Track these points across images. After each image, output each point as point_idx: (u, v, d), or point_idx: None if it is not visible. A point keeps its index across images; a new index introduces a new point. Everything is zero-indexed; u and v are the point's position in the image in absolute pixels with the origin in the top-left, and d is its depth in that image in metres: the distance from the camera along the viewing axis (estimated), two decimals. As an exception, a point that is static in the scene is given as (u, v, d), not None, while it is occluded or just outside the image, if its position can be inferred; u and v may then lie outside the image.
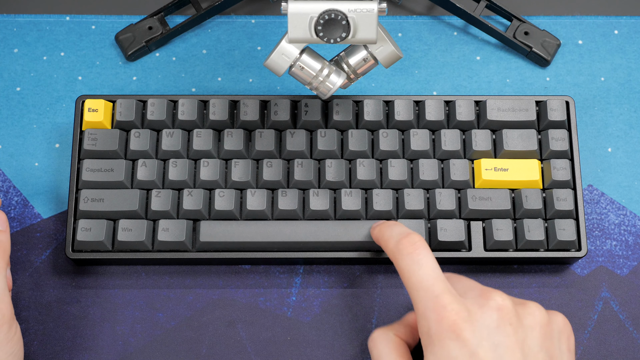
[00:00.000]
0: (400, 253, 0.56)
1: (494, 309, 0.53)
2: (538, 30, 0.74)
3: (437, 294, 0.53)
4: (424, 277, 0.54)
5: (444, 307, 0.53)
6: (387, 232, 0.59)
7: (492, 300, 0.54)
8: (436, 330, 0.52)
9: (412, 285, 0.55)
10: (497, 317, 0.53)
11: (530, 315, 0.54)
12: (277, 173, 0.66)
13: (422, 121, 0.68)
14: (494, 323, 0.53)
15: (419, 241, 0.56)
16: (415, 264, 0.55)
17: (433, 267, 0.55)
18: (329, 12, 0.56)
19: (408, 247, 0.56)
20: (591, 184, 0.71)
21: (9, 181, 0.70)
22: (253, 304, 0.67)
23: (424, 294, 0.54)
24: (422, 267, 0.55)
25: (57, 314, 0.66)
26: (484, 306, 0.53)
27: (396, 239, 0.57)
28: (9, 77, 0.73)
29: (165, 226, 0.65)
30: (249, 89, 0.73)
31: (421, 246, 0.56)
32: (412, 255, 0.56)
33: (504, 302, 0.54)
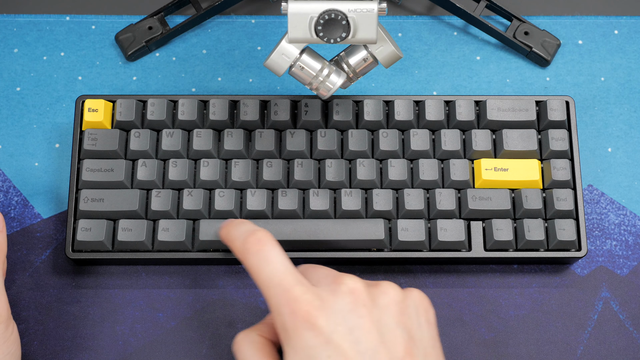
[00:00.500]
0: (248, 252, 0.55)
1: (346, 293, 0.52)
2: (538, 30, 0.74)
3: (288, 287, 0.52)
4: (273, 272, 0.53)
5: (295, 299, 0.52)
6: (233, 231, 0.57)
7: (343, 285, 0.53)
8: (291, 323, 0.51)
9: (262, 283, 0.53)
10: (350, 300, 0.52)
11: (383, 294, 0.54)
12: (277, 173, 0.66)
13: (422, 121, 0.68)
14: (347, 307, 0.52)
15: (264, 237, 0.55)
16: (263, 260, 0.54)
17: (281, 261, 0.54)
18: (329, 12, 0.56)
19: (255, 244, 0.55)
20: (591, 184, 0.71)
21: (9, 181, 0.70)
22: (253, 304, 0.67)
23: (275, 289, 0.53)
24: (270, 263, 0.54)
25: (57, 314, 0.66)
26: (336, 292, 0.53)
27: (242, 238, 0.56)
28: (9, 77, 0.73)
29: (165, 226, 0.65)
30: (249, 89, 0.73)
31: (267, 242, 0.55)
32: (260, 252, 0.54)
33: (355, 285, 0.53)
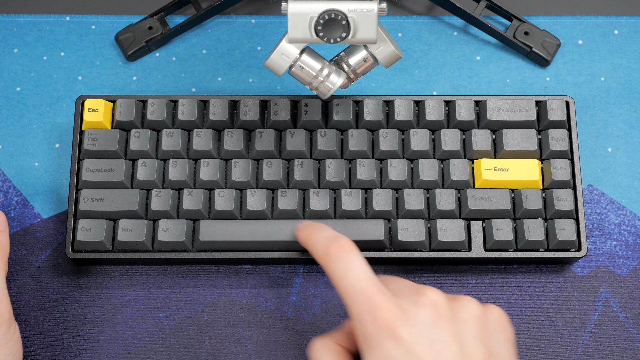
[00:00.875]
0: (330, 258, 0.55)
1: (428, 305, 0.53)
2: (538, 30, 0.74)
3: (370, 295, 0.53)
4: (355, 280, 0.53)
5: (378, 308, 0.52)
6: (314, 236, 0.58)
7: (425, 297, 0.53)
8: (372, 332, 0.52)
9: (344, 290, 0.54)
10: (431, 312, 0.52)
11: (464, 308, 0.54)
12: (277, 173, 0.66)
13: (422, 121, 0.68)
14: (429, 319, 0.52)
15: (348, 244, 0.55)
16: (346, 267, 0.54)
17: (364, 269, 0.54)
18: (329, 12, 0.56)
19: (337, 251, 0.55)
20: (591, 184, 0.71)
21: (9, 181, 0.70)
22: (253, 304, 0.67)
23: (357, 296, 0.53)
24: (353, 271, 0.54)
25: (57, 314, 0.66)
26: (418, 303, 0.53)
27: (324, 244, 0.56)
28: (9, 77, 0.73)
29: (165, 226, 0.65)
30: (249, 89, 0.73)
31: (350, 249, 0.55)
32: (342, 259, 0.55)
33: (437, 298, 0.53)
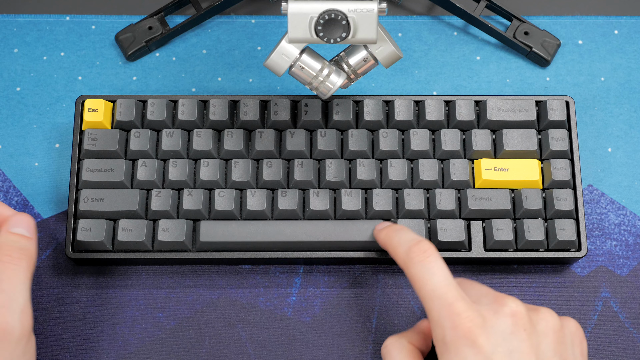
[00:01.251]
0: (412, 261, 0.56)
1: (508, 315, 0.53)
2: (538, 30, 0.74)
3: (451, 301, 0.53)
4: (437, 285, 0.54)
5: (458, 315, 0.53)
6: (396, 238, 0.59)
7: (506, 307, 0.54)
8: (451, 338, 0.53)
9: (426, 294, 0.55)
10: (511, 323, 0.53)
11: (543, 320, 0.55)
12: (277, 173, 0.66)
13: (422, 121, 0.68)
14: (509, 329, 0.53)
15: (430, 248, 0.56)
16: (428, 272, 0.55)
17: (445, 274, 0.55)
18: (329, 12, 0.56)
19: (419, 254, 0.56)
20: (591, 184, 0.71)
21: (9, 181, 0.70)
22: (253, 304, 0.67)
23: (438, 302, 0.54)
24: (435, 275, 0.55)
25: (57, 314, 0.66)
26: (498, 312, 0.54)
27: (406, 246, 0.57)
28: (9, 77, 0.73)
29: (165, 226, 0.65)
30: (249, 89, 0.73)
31: (432, 254, 0.56)
32: (424, 263, 0.55)
33: (517, 308, 0.54)
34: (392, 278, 0.67)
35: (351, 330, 0.66)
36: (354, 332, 0.66)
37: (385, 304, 0.67)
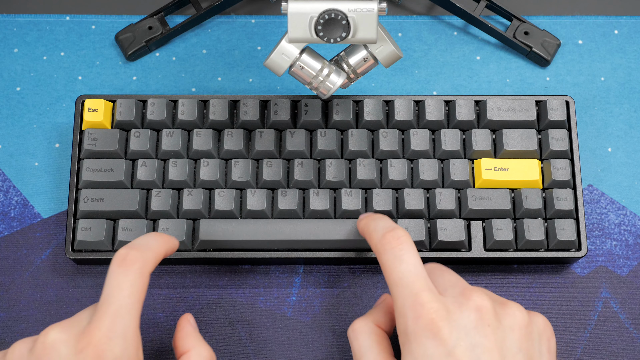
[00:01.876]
0: (384, 247, 0.55)
1: (473, 309, 0.53)
2: (538, 30, 0.74)
3: (417, 291, 0.52)
4: (404, 273, 0.54)
5: (422, 305, 0.52)
6: (372, 224, 0.58)
7: (471, 300, 0.53)
8: (413, 328, 0.52)
9: (392, 281, 0.54)
10: (475, 317, 0.52)
11: (510, 316, 0.54)
12: (277, 173, 0.66)
13: (422, 121, 0.68)
14: (473, 323, 0.52)
15: (403, 236, 0.55)
16: (397, 259, 0.54)
17: (415, 263, 0.54)
18: (329, 12, 0.56)
19: (392, 241, 0.55)
20: (591, 183, 0.71)
21: (9, 181, 0.70)
22: (253, 304, 0.67)
23: (403, 290, 0.53)
24: (404, 263, 0.54)
25: (57, 314, 0.66)
26: (463, 305, 0.53)
27: (380, 233, 0.56)
28: (9, 77, 0.73)
29: (165, 226, 0.65)
30: (249, 88, 0.73)
31: (405, 241, 0.55)
32: (395, 250, 0.55)
33: (483, 302, 0.53)
34: (392, 278, 0.67)
35: (351, 330, 0.66)
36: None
37: (385, 304, 0.67)
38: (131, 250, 0.53)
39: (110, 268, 0.53)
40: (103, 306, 0.51)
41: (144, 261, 0.53)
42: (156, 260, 0.54)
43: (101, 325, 0.50)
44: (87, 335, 0.50)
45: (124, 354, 0.50)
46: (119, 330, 0.50)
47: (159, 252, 0.55)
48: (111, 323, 0.50)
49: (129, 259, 0.53)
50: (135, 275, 0.52)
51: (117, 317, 0.51)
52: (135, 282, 0.52)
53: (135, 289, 0.52)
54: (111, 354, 0.50)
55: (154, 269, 0.54)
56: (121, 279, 0.52)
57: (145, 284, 0.53)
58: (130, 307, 0.51)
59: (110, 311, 0.51)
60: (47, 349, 0.50)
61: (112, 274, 0.52)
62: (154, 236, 0.56)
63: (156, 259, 0.54)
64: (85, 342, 0.50)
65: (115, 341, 0.50)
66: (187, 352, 0.56)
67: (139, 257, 0.53)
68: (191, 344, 0.56)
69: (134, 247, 0.54)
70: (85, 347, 0.50)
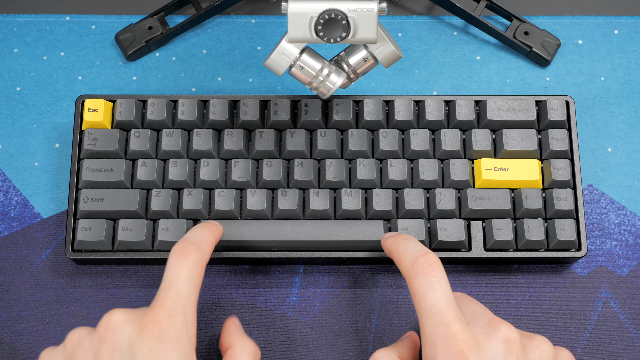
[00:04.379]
0: (416, 272, 0.55)
1: (502, 340, 0.53)
2: (538, 30, 0.74)
3: (448, 321, 0.53)
4: (436, 301, 0.54)
5: (453, 336, 0.52)
6: (402, 246, 0.58)
7: (500, 332, 0.53)
8: (443, 358, 0.52)
9: (423, 309, 0.54)
10: (504, 349, 0.53)
11: (536, 348, 0.54)
12: (277, 173, 0.66)
13: (422, 121, 0.68)
14: (501, 355, 0.53)
15: (436, 262, 0.55)
16: (430, 286, 0.54)
17: (446, 292, 0.54)
18: (329, 12, 0.56)
19: (425, 267, 0.55)
20: (591, 183, 0.71)
21: (9, 181, 0.70)
22: (253, 304, 0.67)
23: (434, 319, 0.53)
24: (436, 291, 0.54)
25: (57, 314, 0.66)
26: (492, 337, 0.53)
27: (412, 256, 0.56)
28: (9, 77, 0.73)
29: (165, 226, 0.65)
30: (249, 88, 0.73)
31: (437, 268, 0.55)
32: (427, 277, 0.55)
33: (511, 334, 0.54)
34: (392, 278, 0.67)
35: (351, 330, 0.66)
36: (354, 332, 0.66)
37: (385, 304, 0.67)
38: (188, 244, 0.57)
39: (169, 260, 0.56)
40: (164, 290, 0.54)
41: (200, 253, 0.56)
42: (210, 251, 0.58)
43: (164, 305, 0.53)
44: (150, 315, 0.53)
45: (184, 332, 0.52)
46: (179, 310, 0.53)
47: (211, 244, 0.59)
48: (173, 303, 0.53)
49: (186, 251, 0.56)
50: (193, 264, 0.55)
51: (178, 299, 0.53)
52: (193, 270, 0.55)
53: (192, 276, 0.55)
54: (173, 330, 0.52)
55: (208, 259, 0.58)
56: (179, 268, 0.55)
57: (202, 273, 0.56)
58: (189, 291, 0.54)
59: (171, 294, 0.54)
60: (112, 328, 0.52)
61: (171, 264, 0.55)
62: (204, 228, 0.60)
63: (210, 251, 0.58)
64: (148, 320, 0.52)
65: (176, 319, 0.53)
66: (232, 346, 0.58)
67: (195, 249, 0.56)
68: (235, 339, 0.59)
69: (189, 240, 0.57)
70: (148, 324, 0.52)
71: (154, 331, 0.51)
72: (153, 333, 0.51)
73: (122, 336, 0.52)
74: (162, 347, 0.51)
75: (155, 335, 0.51)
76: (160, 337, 0.51)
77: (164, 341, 0.51)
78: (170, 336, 0.51)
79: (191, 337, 0.53)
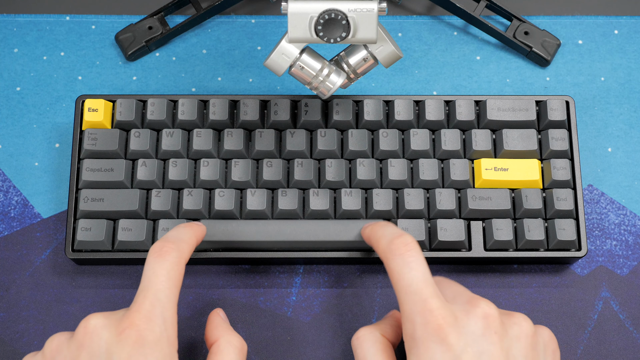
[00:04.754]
0: (392, 253, 0.56)
1: (481, 316, 0.53)
2: (538, 30, 0.74)
3: (425, 297, 0.53)
4: (413, 279, 0.54)
5: (430, 311, 0.52)
6: (380, 231, 0.58)
7: (479, 308, 0.53)
8: (421, 334, 0.52)
9: (401, 287, 0.54)
10: (483, 324, 0.53)
11: (516, 325, 0.54)
12: (277, 173, 0.66)
13: (422, 121, 0.68)
14: (480, 330, 0.52)
15: (411, 242, 0.56)
16: (406, 265, 0.54)
17: (423, 270, 0.54)
18: (329, 12, 0.56)
19: (400, 247, 0.55)
20: (591, 183, 0.71)
21: (9, 181, 0.70)
22: (253, 304, 0.67)
23: (412, 296, 0.53)
24: (412, 270, 0.54)
25: (57, 314, 0.66)
26: (471, 313, 0.53)
27: (388, 239, 0.57)
28: (9, 77, 0.73)
29: (165, 226, 0.65)
30: (249, 88, 0.73)
31: (413, 248, 0.55)
32: (404, 256, 0.55)
33: (490, 310, 0.53)
34: (392, 278, 0.67)
35: (351, 330, 0.66)
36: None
37: (385, 304, 0.67)
38: (166, 243, 0.56)
39: (147, 260, 0.55)
40: (142, 292, 0.53)
41: (179, 252, 0.56)
42: (190, 250, 0.57)
43: (141, 308, 0.52)
44: (128, 319, 0.52)
45: (163, 335, 0.52)
46: (158, 313, 0.52)
47: (191, 244, 0.58)
48: (151, 306, 0.52)
49: (164, 251, 0.55)
50: (171, 264, 0.54)
51: (156, 301, 0.52)
52: (171, 270, 0.54)
53: (171, 276, 0.54)
54: (152, 334, 0.51)
55: (188, 259, 0.57)
56: (157, 268, 0.54)
57: (181, 273, 0.55)
58: (168, 292, 0.53)
59: (149, 296, 0.53)
60: (89, 334, 0.52)
61: (149, 264, 0.54)
62: (185, 228, 0.59)
63: (190, 250, 0.57)
64: (126, 324, 0.51)
65: (155, 322, 0.52)
66: (217, 340, 0.57)
67: (174, 248, 0.55)
68: (219, 333, 0.58)
69: (168, 239, 0.56)
70: (126, 329, 0.51)
71: (131, 336, 0.51)
72: (131, 338, 0.51)
73: (100, 341, 0.51)
74: (140, 352, 0.50)
75: (133, 340, 0.50)
76: (138, 342, 0.50)
77: (142, 346, 0.50)
78: (148, 340, 0.51)
79: (171, 339, 0.52)
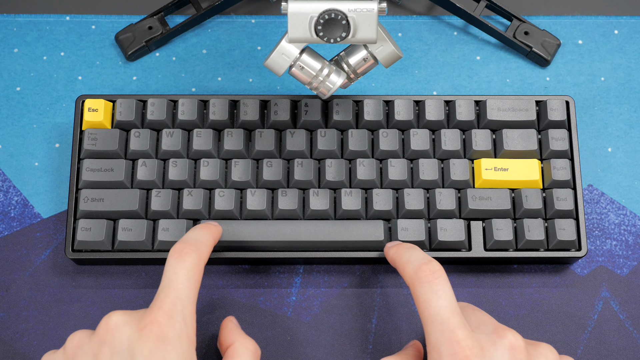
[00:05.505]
0: (420, 280, 0.55)
1: (507, 347, 0.53)
2: (538, 30, 0.74)
3: (453, 327, 0.53)
4: (440, 308, 0.54)
5: (458, 342, 0.52)
6: (406, 255, 0.58)
7: (505, 339, 0.54)
8: None
9: (427, 316, 0.54)
10: (509, 355, 0.53)
11: (542, 356, 0.54)
12: (277, 173, 0.66)
13: (422, 121, 0.68)
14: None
15: (439, 270, 0.56)
16: (434, 294, 0.54)
17: (450, 299, 0.54)
18: (329, 12, 0.56)
19: (428, 275, 0.55)
20: (591, 183, 0.71)
21: (9, 181, 0.70)
22: (253, 304, 0.67)
23: (439, 326, 0.53)
24: (440, 298, 0.54)
25: (57, 314, 0.66)
26: (497, 343, 0.53)
27: (415, 265, 0.57)
28: (9, 77, 0.73)
29: (165, 226, 0.65)
30: (249, 88, 0.73)
31: (441, 275, 0.55)
32: (432, 285, 0.55)
33: (517, 341, 0.54)
34: (392, 278, 0.67)
35: (351, 330, 0.66)
36: (354, 332, 0.66)
37: (385, 304, 0.67)
38: (186, 245, 0.57)
39: (167, 261, 0.56)
40: (163, 290, 0.54)
41: (199, 253, 0.57)
42: (208, 252, 0.58)
43: (163, 306, 0.53)
44: (149, 315, 0.53)
45: (183, 332, 0.53)
46: (179, 310, 0.53)
47: (209, 245, 0.59)
48: (172, 304, 0.53)
49: (184, 252, 0.56)
50: (191, 264, 0.56)
51: (177, 299, 0.54)
52: (191, 270, 0.55)
53: (191, 276, 0.55)
54: (173, 330, 0.52)
55: (207, 260, 0.58)
56: (178, 268, 0.55)
57: (200, 274, 0.56)
58: (188, 292, 0.54)
59: (170, 294, 0.54)
60: (111, 330, 0.53)
61: (170, 265, 0.55)
62: (202, 229, 0.60)
63: (208, 251, 0.58)
64: (147, 320, 0.52)
65: (176, 319, 0.53)
66: (232, 344, 0.58)
67: (194, 249, 0.57)
68: (235, 337, 0.59)
69: (187, 241, 0.57)
70: (147, 325, 0.52)
71: (153, 332, 0.52)
72: (152, 334, 0.51)
73: (121, 337, 0.52)
74: (161, 348, 0.51)
75: (154, 336, 0.51)
76: (159, 338, 0.51)
77: (163, 342, 0.51)
78: (169, 336, 0.52)
79: (191, 337, 0.53)
